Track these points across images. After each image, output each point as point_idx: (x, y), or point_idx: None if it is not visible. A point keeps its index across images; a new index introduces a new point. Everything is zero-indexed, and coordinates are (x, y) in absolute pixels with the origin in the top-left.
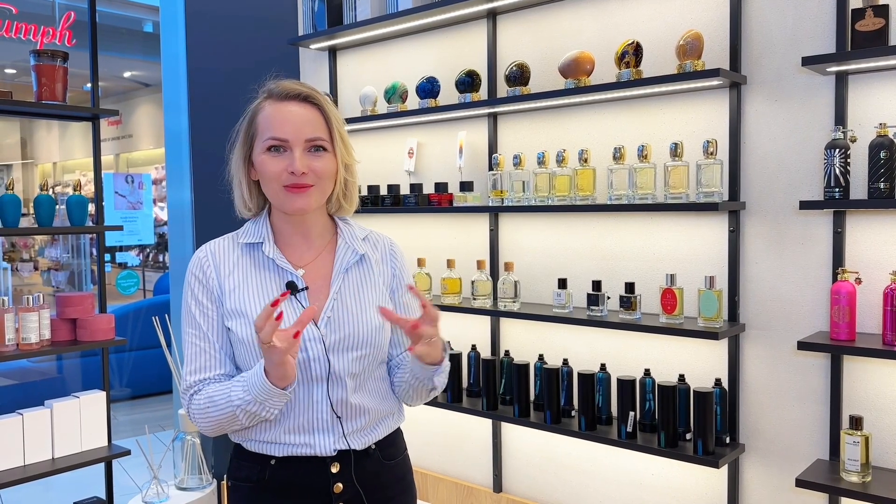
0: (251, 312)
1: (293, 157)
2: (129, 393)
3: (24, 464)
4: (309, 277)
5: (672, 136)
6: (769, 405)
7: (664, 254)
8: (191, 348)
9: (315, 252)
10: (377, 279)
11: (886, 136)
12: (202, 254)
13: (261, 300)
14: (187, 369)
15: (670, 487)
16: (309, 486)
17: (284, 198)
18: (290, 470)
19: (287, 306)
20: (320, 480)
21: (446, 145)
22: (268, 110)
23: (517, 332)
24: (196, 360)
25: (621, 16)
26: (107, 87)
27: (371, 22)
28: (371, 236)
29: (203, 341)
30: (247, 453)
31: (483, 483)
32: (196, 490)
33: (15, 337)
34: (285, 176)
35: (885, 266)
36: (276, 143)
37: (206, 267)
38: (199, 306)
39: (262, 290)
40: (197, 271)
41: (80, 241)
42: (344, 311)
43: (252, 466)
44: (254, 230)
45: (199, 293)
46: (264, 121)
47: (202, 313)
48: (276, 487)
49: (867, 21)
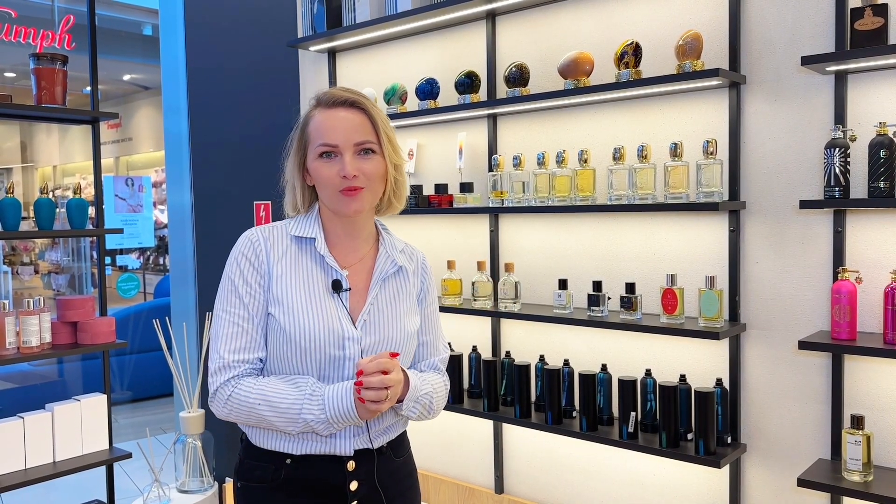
0: (294, 303)
1: (344, 162)
2: (130, 396)
3: (25, 467)
4: (351, 279)
5: (672, 136)
6: (770, 405)
7: (664, 254)
8: (231, 327)
9: (358, 256)
10: (411, 290)
11: (886, 135)
12: (254, 236)
13: (305, 292)
14: (226, 347)
15: (672, 488)
16: (325, 485)
17: (340, 201)
18: (306, 469)
19: (328, 301)
20: (337, 479)
21: (446, 146)
22: (318, 118)
23: (518, 333)
24: (237, 340)
25: (620, 16)
26: (106, 90)
27: (370, 24)
28: (407, 249)
29: (247, 322)
30: (261, 453)
31: (484, 484)
32: (197, 493)
33: (16, 340)
34: (339, 181)
35: (886, 265)
36: (327, 149)
37: (258, 249)
38: (247, 286)
39: (308, 283)
40: (248, 251)
41: (80, 245)
42: (380, 316)
43: (266, 467)
44: (305, 225)
45: (248, 273)
46: (315, 128)
47: (249, 293)
48: (290, 487)
49: (866, 20)
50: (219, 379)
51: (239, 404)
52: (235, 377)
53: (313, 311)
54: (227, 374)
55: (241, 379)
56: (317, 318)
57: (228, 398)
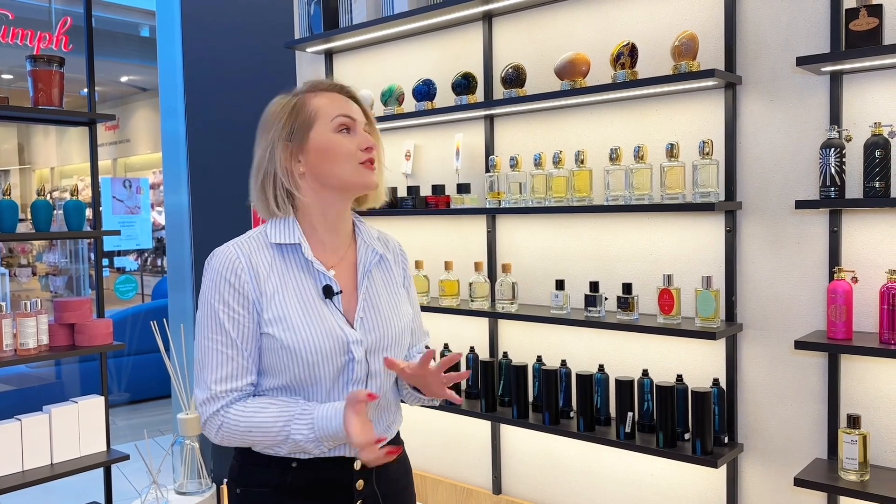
0: (293, 318)
1: (359, 135)
2: (128, 397)
3: (22, 469)
4: (337, 280)
5: (668, 136)
6: (767, 405)
7: (661, 254)
8: (216, 356)
9: (340, 253)
10: (397, 279)
11: (881, 135)
12: (233, 255)
13: (300, 305)
14: (213, 377)
15: (669, 488)
16: (333, 486)
17: (362, 174)
18: (313, 470)
19: (323, 308)
20: (344, 479)
21: (443, 147)
22: (321, 99)
23: (515, 334)
24: (223, 368)
25: (616, 17)
26: (104, 91)
27: (367, 25)
28: (381, 237)
29: (231, 349)
30: (262, 457)
31: (482, 485)
32: (195, 494)
33: (13, 342)
34: (360, 153)
35: (882, 265)
36: (347, 121)
37: (239, 269)
38: (230, 311)
39: (301, 294)
40: (229, 275)
41: (77, 246)
42: (374, 312)
43: (269, 471)
44: (283, 230)
45: (231, 298)
46: (322, 107)
47: (232, 319)
48: (297, 489)
49: (861, 21)
50: (208, 410)
51: (230, 433)
52: (224, 406)
53: (313, 322)
54: (216, 405)
55: (230, 407)
56: (318, 330)
57: (220, 428)
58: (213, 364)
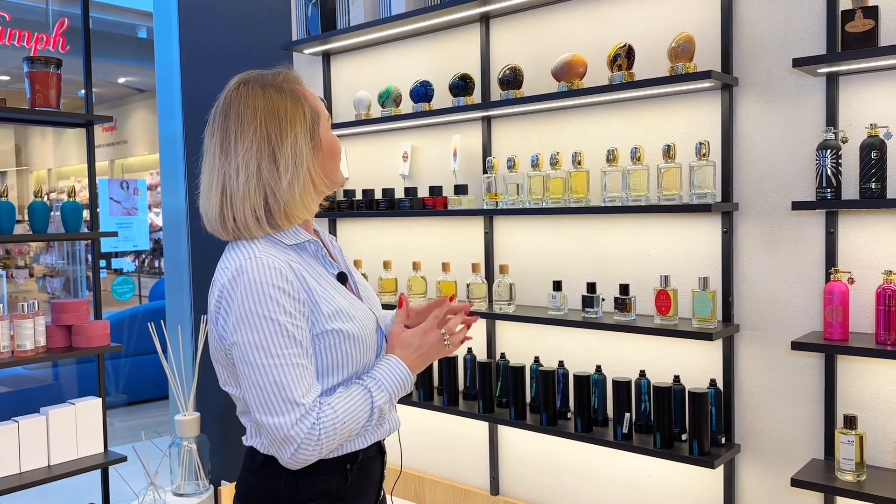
0: (345, 307)
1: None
2: (126, 399)
3: (19, 471)
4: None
5: (665, 137)
6: (764, 405)
7: (658, 255)
8: (294, 370)
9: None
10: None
11: (877, 137)
12: (277, 264)
13: (339, 294)
14: (298, 392)
15: (666, 488)
16: (374, 481)
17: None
18: (368, 462)
19: (349, 294)
20: (380, 469)
21: (440, 149)
22: (307, 93)
23: (513, 335)
24: (304, 380)
25: (613, 19)
26: (101, 92)
27: (364, 26)
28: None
29: (305, 359)
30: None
31: (480, 486)
32: (193, 496)
33: (10, 344)
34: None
35: (878, 265)
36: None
37: (291, 278)
38: (293, 319)
39: (333, 285)
40: (283, 283)
41: (75, 248)
42: (367, 291)
43: (329, 479)
44: (291, 231)
45: (291, 307)
46: (314, 103)
47: (298, 328)
48: (352, 490)
49: (857, 22)
50: (305, 426)
51: (329, 437)
52: (317, 415)
53: (355, 308)
54: (312, 418)
55: (320, 416)
56: (362, 314)
57: (319, 437)
58: (293, 380)
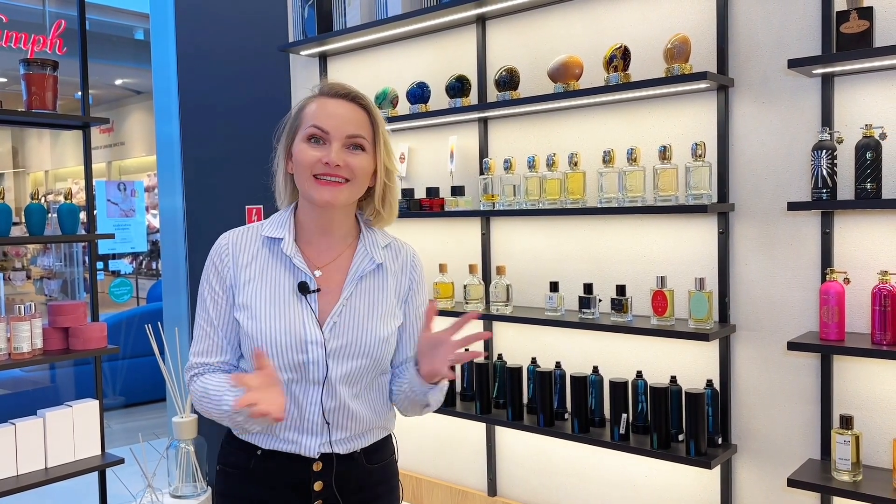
0: (259, 308)
1: (330, 150)
2: (123, 401)
3: (16, 474)
4: (324, 279)
5: (661, 138)
6: (760, 406)
7: (654, 256)
8: (198, 330)
9: (335, 253)
10: (390, 290)
11: (872, 137)
12: (223, 241)
13: (270, 297)
14: (193, 349)
15: (663, 489)
16: (290, 480)
17: (312, 187)
18: (273, 462)
19: (293, 304)
20: (302, 476)
21: (437, 150)
22: (315, 104)
23: (510, 336)
24: (200, 343)
25: (609, 20)
26: (98, 94)
27: (361, 28)
28: (394, 244)
29: (209, 326)
30: (236, 441)
31: (477, 487)
32: (191, 498)
33: (7, 346)
34: (319, 166)
35: (873, 266)
36: (316, 132)
37: (225, 256)
38: (212, 292)
39: (275, 287)
40: (216, 258)
41: (72, 250)
42: (351, 318)
43: (239, 454)
44: (277, 223)
45: (214, 280)
46: (310, 113)
47: (213, 299)
48: (259, 477)
49: (852, 23)
50: (187, 377)
51: (195, 399)
52: (194, 376)
53: (276, 315)
54: (190, 374)
55: (198, 377)
56: (279, 323)
57: (192, 394)
58: (196, 336)
